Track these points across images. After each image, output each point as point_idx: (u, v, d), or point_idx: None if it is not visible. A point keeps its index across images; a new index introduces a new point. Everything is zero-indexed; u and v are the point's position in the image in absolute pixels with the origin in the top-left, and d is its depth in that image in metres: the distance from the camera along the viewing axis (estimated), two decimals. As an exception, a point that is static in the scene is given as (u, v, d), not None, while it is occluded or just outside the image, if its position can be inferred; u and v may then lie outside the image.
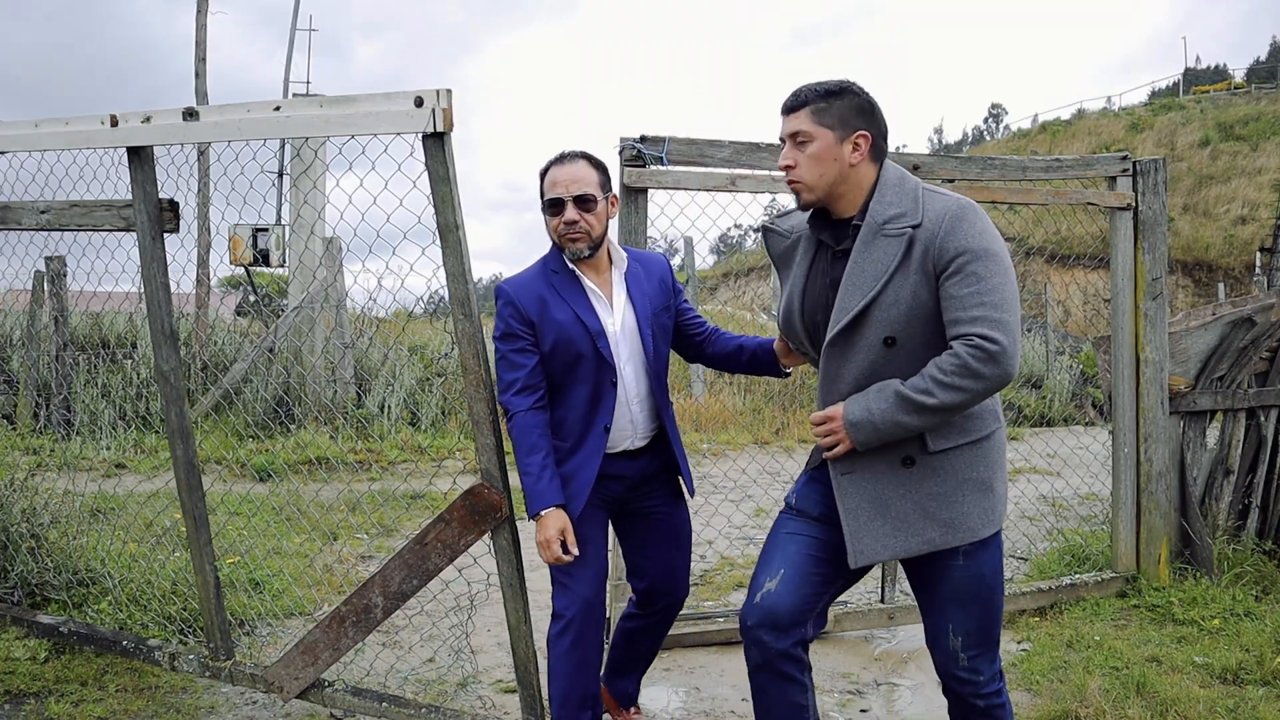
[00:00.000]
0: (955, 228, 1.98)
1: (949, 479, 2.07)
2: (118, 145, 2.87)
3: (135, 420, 8.50)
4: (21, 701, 3.13)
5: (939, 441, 2.06)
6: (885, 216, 2.05)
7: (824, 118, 2.08)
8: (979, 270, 1.94)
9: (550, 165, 2.55)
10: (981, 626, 2.15)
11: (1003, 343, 1.90)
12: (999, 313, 1.92)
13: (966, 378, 1.91)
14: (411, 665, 3.54)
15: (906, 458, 2.07)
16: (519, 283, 2.57)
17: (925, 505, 2.07)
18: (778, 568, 2.18)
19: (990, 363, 1.90)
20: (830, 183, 2.09)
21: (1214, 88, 43.80)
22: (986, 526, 2.09)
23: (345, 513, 5.86)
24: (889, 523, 2.09)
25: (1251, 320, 4.23)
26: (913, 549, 2.08)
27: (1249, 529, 4.27)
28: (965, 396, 1.93)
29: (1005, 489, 2.17)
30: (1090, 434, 7.94)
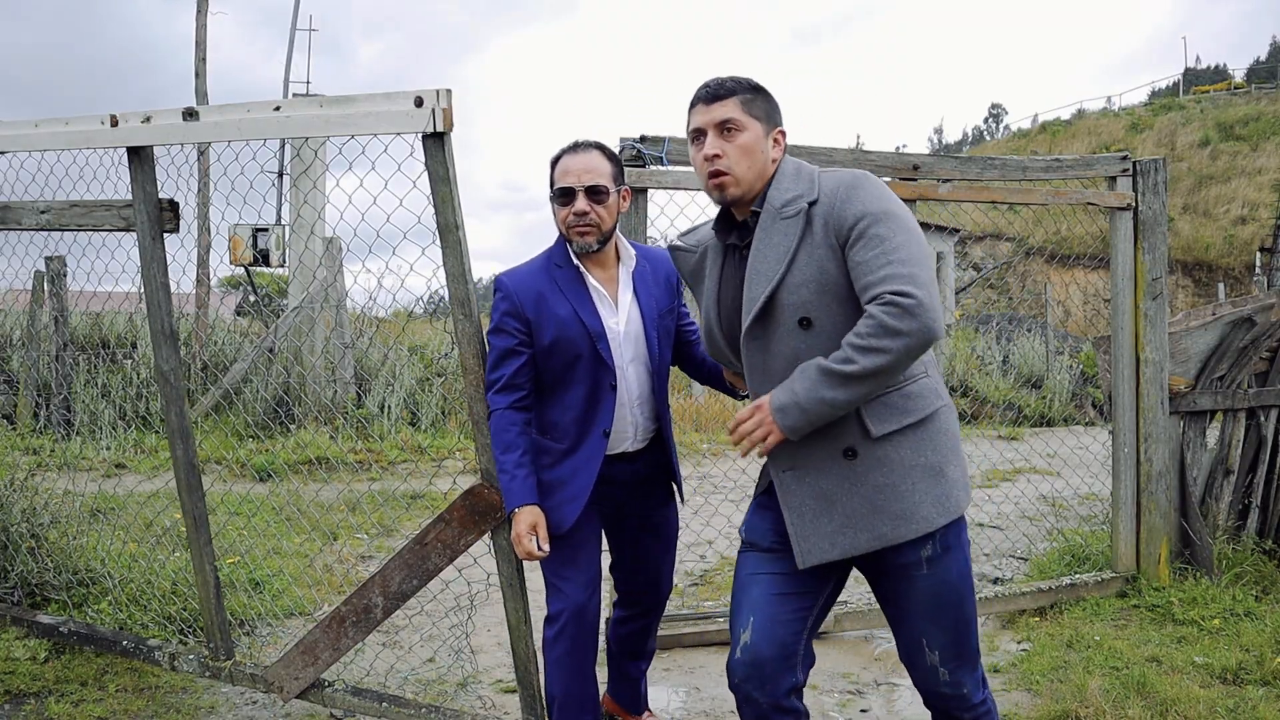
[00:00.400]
0: (851, 195, 1.93)
1: (896, 468, 1.95)
2: (118, 145, 2.87)
3: (135, 420, 8.49)
4: (21, 701, 3.13)
5: (880, 425, 1.95)
6: (782, 201, 1.99)
7: (753, 109, 2.03)
8: (880, 231, 1.87)
9: (563, 153, 2.48)
10: (957, 636, 2.03)
11: (917, 295, 1.79)
12: (908, 268, 1.82)
13: (885, 337, 1.79)
14: (411, 665, 3.54)
15: (848, 449, 1.96)
16: (518, 276, 2.50)
17: (873, 498, 1.96)
18: (747, 616, 2.07)
19: (907, 317, 1.78)
20: (755, 176, 2.03)
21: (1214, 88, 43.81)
22: (941, 515, 1.96)
23: (345, 513, 5.86)
24: (836, 519, 1.98)
25: (1251, 320, 4.23)
26: (862, 545, 1.97)
27: (1249, 529, 4.27)
28: (888, 358, 1.79)
29: (962, 474, 2.03)
30: (1090, 434, 7.94)
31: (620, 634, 2.83)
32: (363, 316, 10.18)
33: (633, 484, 2.62)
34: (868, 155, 3.79)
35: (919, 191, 3.78)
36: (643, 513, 2.66)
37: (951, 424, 2.03)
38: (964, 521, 2.04)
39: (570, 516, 2.47)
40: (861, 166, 3.75)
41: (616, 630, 2.84)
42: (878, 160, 3.78)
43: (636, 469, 2.60)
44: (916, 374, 1.99)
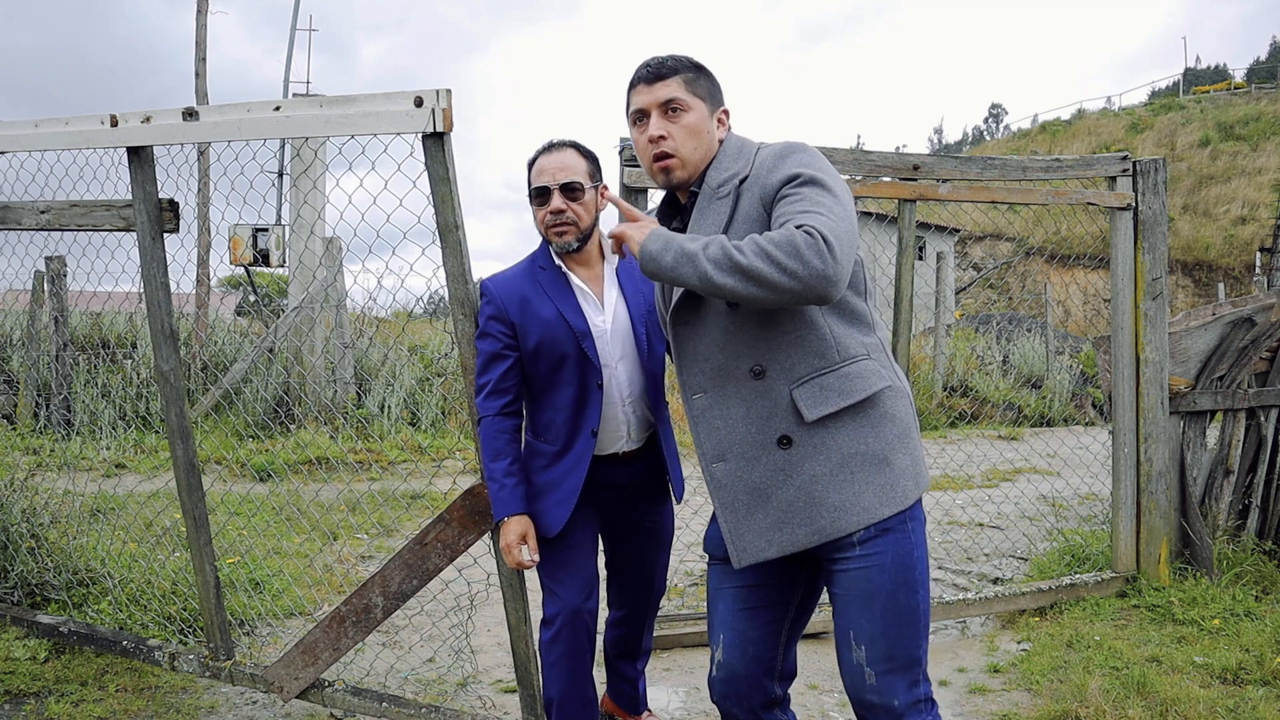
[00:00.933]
0: (780, 162, 1.81)
1: (833, 455, 1.81)
2: (118, 145, 2.87)
3: (135, 420, 8.49)
4: (21, 701, 3.13)
5: (814, 408, 1.80)
6: (719, 180, 1.90)
7: (695, 88, 1.93)
8: (805, 192, 1.73)
9: (538, 154, 2.47)
10: (889, 634, 1.82)
11: (834, 246, 1.63)
12: (827, 219, 1.66)
13: (790, 256, 1.61)
14: (411, 665, 3.54)
15: (783, 437, 1.82)
16: (502, 280, 2.50)
17: (810, 490, 1.81)
18: (719, 633, 1.99)
19: (818, 256, 1.61)
20: (701, 158, 1.93)
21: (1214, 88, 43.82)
22: (886, 505, 1.80)
23: (345, 513, 5.86)
24: (771, 514, 1.84)
25: (1251, 320, 4.23)
26: (800, 541, 1.82)
27: (1249, 529, 4.27)
28: (774, 275, 1.61)
29: (912, 462, 1.86)
30: (1090, 434, 7.95)
31: (614, 635, 2.83)
32: (363, 316, 10.19)
33: (628, 489, 2.59)
34: (868, 155, 3.79)
35: (919, 191, 3.78)
36: (637, 516, 2.65)
37: (899, 408, 1.88)
38: (914, 512, 1.86)
39: (560, 519, 2.45)
40: (861, 166, 3.75)
41: (611, 632, 2.83)
42: (878, 160, 3.78)
43: (632, 473, 2.58)
44: (855, 354, 1.85)
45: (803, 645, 3.56)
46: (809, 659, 3.57)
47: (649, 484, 2.63)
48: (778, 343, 1.84)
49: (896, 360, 3.80)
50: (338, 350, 9.39)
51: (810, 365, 1.83)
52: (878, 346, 1.90)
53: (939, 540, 5.56)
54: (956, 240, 28.13)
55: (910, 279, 3.80)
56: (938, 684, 3.37)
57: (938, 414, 11.24)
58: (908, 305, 3.80)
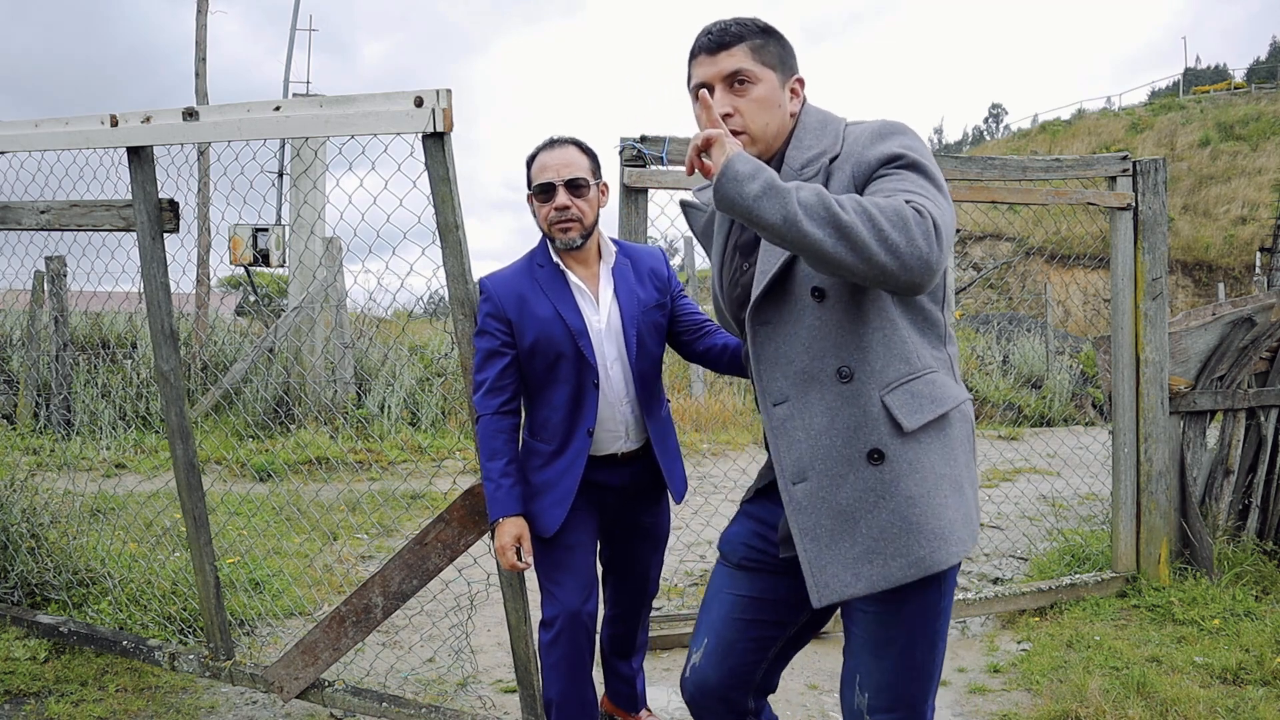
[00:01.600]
0: (879, 140, 1.63)
1: (927, 476, 1.61)
2: (118, 145, 2.87)
3: (135, 420, 8.50)
4: (21, 701, 3.13)
5: (911, 416, 1.61)
6: (802, 161, 1.70)
7: (765, 56, 1.72)
8: (912, 177, 1.55)
9: (539, 151, 2.45)
10: (896, 686, 1.68)
11: (943, 234, 1.47)
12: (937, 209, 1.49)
13: (893, 225, 1.43)
14: (411, 665, 3.54)
15: (874, 451, 1.61)
16: (500, 278, 2.49)
17: (906, 514, 1.59)
18: (703, 636, 1.87)
19: (924, 237, 1.44)
20: (774, 134, 1.74)
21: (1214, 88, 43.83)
22: (969, 540, 1.63)
23: (345, 513, 5.86)
24: (860, 543, 1.61)
25: (1251, 320, 4.23)
26: (895, 576, 1.58)
27: (1249, 529, 4.27)
28: (872, 242, 1.42)
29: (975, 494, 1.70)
30: (1090, 434, 7.95)
31: (609, 634, 2.82)
32: (363, 316, 10.19)
33: (627, 490, 2.58)
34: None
35: (919, 191, 3.78)
36: (635, 517, 2.64)
37: (967, 434, 1.72)
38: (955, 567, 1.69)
39: (557, 519, 2.44)
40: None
41: (606, 630, 2.83)
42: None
43: (631, 474, 2.56)
44: (932, 366, 1.69)
45: (803, 645, 3.56)
46: (809, 659, 3.57)
47: (648, 485, 2.62)
48: (866, 341, 1.64)
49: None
50: (338, 350, 9.39)
51: (899, 370, 1.64)
52: (948, 362, 1.73)
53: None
54: (956, 240, 28.11)
55: (910, 279, 3.79)
56: (938, 684, 3.38)
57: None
58: (908, 305, 3.79)
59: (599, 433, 2.48)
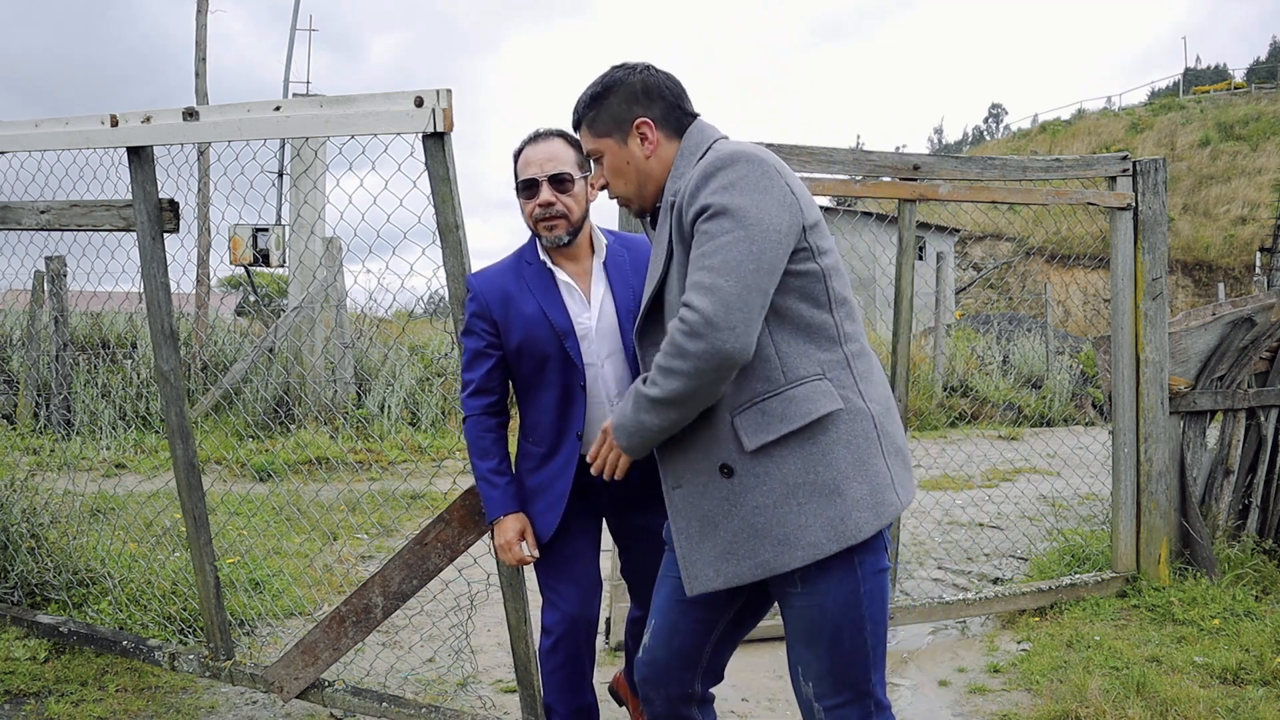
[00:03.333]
0: (700, 186, 1.71)
1: (777, 486, 1.71)
2: (118, 145, 2.87)
3: (135, 420, 8.50)
4: (21, 701, 3.13)
5: (753, 436, 1.72)
6: (672, 190, 1.82)
7: (598, 127, 1.89)
8: (710, 229, 1.65)
9: (524, 145, 2.36)
10: (835, 671, 1.77)
11: (703, 310, 1.59)
12: (711, 276, 1.61)
13: (676, 358, 1.63)
14: (411, 665, 3.54)
15: (724, 466, 1.75)
16: (486, 276, 2.42)
17: (753, 522, 1.72)
18: (653, 618, 1.99)
19: (692, 337, 1.60)
20: (639, 186, 1.89)
21: (1214, 88, 43.83)
22: (834, 540, 1.69)
23: (345, 513, 5.86)
24: (719, 545, 1.77)
25: (1251, 320, 4.23)
26: (745, 574, 1.74)
27: (1249, 529, 4.27)
28: (682, 384, 1.63)
29: (869, 492, 1.73)
30: (1090, 434, 7.94)
31: (632, 632, 2.75)
32: (363, 316, 10.19)
33: (628, 492, 2.47)
34: (868, 155, 3.79)
35: (919, 191, 3.78)
36: (643, 521, 2.53)
37: (856, 432, 1.74)
38: (873, 544, 1.77)
39: (550, 524, 2.39)
40: (861, 166, 3.75)
41: (631, 627, 2.76)
42: (878, 160, 3.78)
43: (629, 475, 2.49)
44: (805, 375, 1.73)
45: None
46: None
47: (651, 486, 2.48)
48: None
49: (896, 361, 3.80)
50: (338, 350, 9.39)
51: (753, 390, 1.74)
52: (839, 363, 1.77)
53: (939, 540, 5.56)
54: (956, 240, 28.13)
55: (910, 279, 3.79)
56: (937, 684, 3.38)
57: (938, 414, 11.24)
58: (908, 305, 3.79)
59: (590, 434, 2.41)
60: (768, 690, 3.34)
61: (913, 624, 3.89)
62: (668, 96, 1.88)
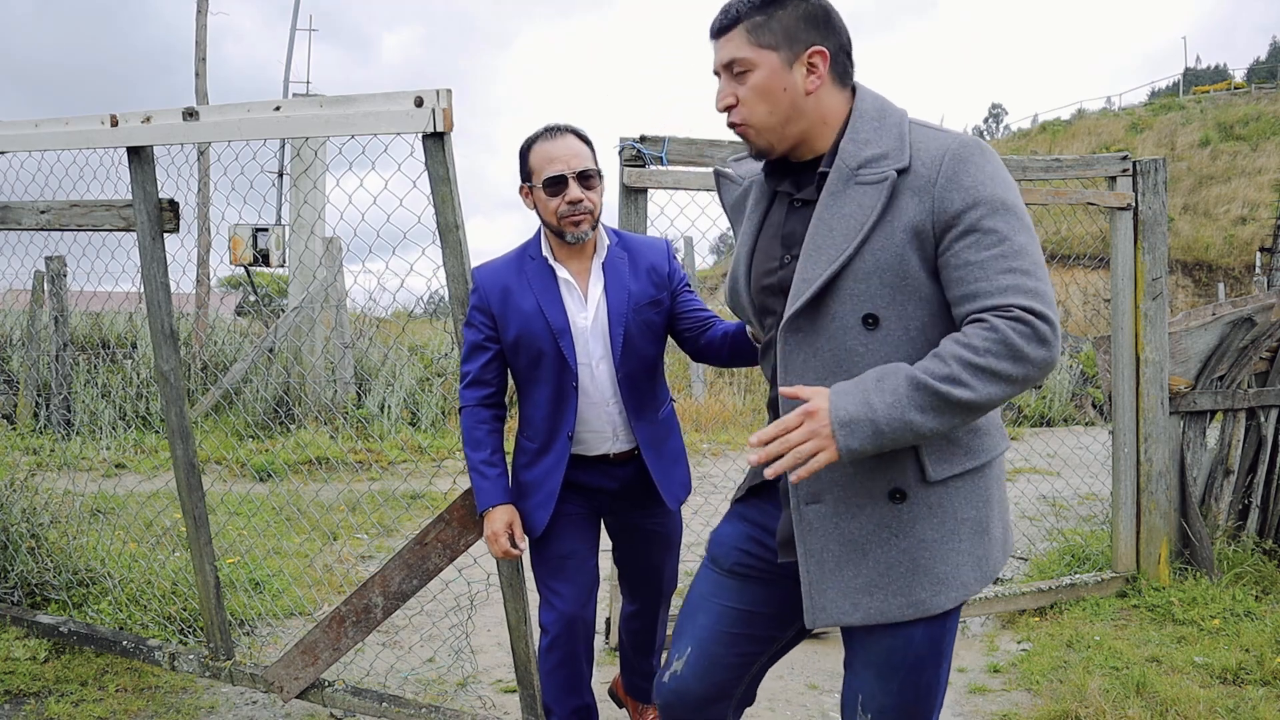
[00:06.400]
0: (959, 172, 1.50)
1: (946, 520, 1.57)
2: (118, 145, 2.87)
3: (135, 420, 8.49)
4: (21, 701, 3.13)
5: (942, 467, 1.56)
6: (861, 159, 1.56)
7: (763, 36, 1.57)
8: (998, 226, 1.46)
9: (539, 140, 2.34)
10: (902, 708, 1.65)
11: (1051, 319, 1.43)
12: (1034, 281, 1.44)
13: (1007, 360, 1.40)
14: (411, 665, 3.54)
15: (896, 490, 1.56)
16: (489, 269, 2.43)
17: (916, 554, 1.56)
18: (686, 644, 1.78)
19: (1038, 343, 1.41)
20: (784, 120, 1.60)
21: (1214, 88, 43.83)
22: (979, 580, 1.60)
23: (345, 513, 5.86)
24: (864, 575, 1.58)
25: (1251, 320, 4.23)
26: (892, 613, 1.57)
27: (1249, 529, 4.27)
28: (1005, 389, 1.41)
29: (1004, 529, 1.67)
30: (1090, 434, 7.94)
31: (629, 628, 2.78)
32: (363, 316, 10.19)
33: (625, 492, 2.48)
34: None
35: (919, 191, 3.78)
36: (639, 520, 2.56)
37: (1001, 470, 1.67)
38: None
39: (541, 521, 2.39)
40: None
41: (625, 625, 2.78)
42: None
43: (624, 476, 2.46)
44: None
45: (803, 645, 3.56)
46: (809, 659, 3.57)
47: (646, 487, 2.50)
48: None
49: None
50: (338, 350, 9.39)
51: None
52: None
53: (939, 540, 5.55)
54: (956, 240, 28.07)
55: (910, 279, 3.79)
56: (938, 684, 3.37)
57: (938, 414, 11.22)
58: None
59: (585, 433, 2.41)
60: (768, 690, 3.34)
61: (913, 624, 3.88)
62: (844, 37, 1.62)
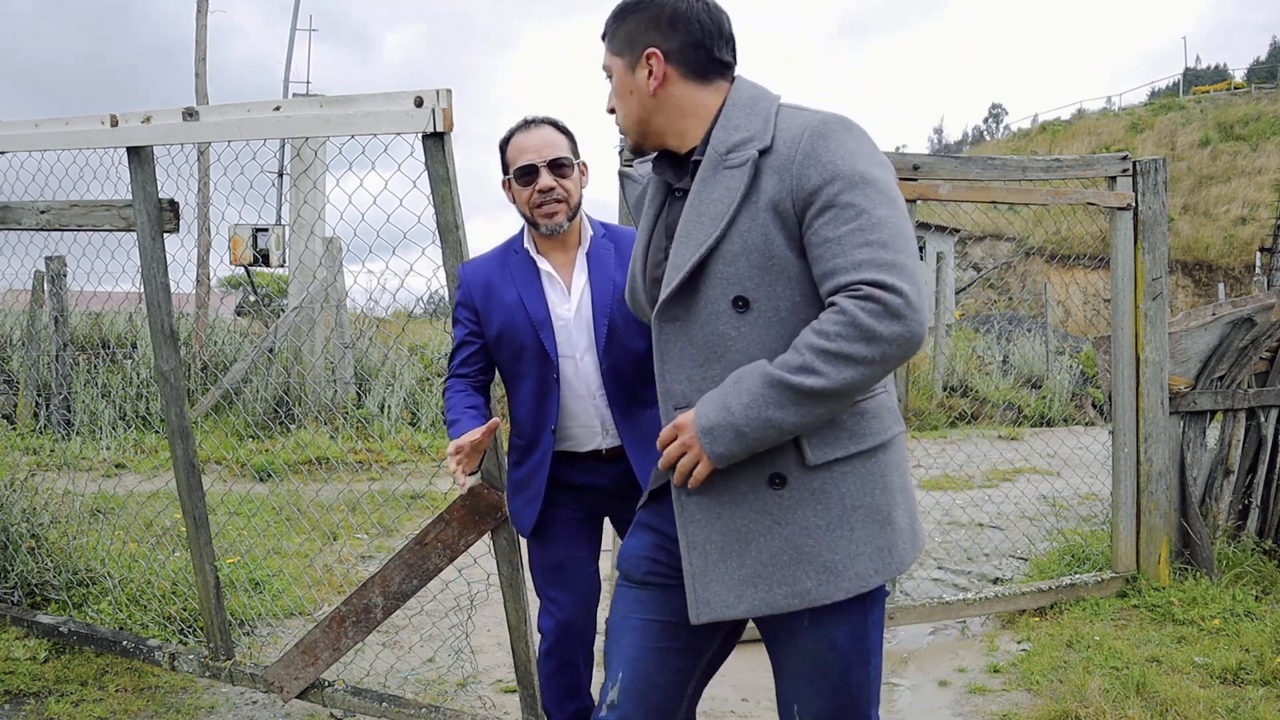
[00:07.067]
0: (817, 148, 1.48)
1: (834, 506, 1.51)
2: (118, 145, 2.87)
3: (135, 420, 8.49)
4: (21, 701, 3.13)
5: (821, 451, 1.51)
6: (729, 144, 1.56)
7: (615, 44, 1.66)
8: (855, 200, 1.44)
9: (514, 133, 2.33)
10: (840, 708, 1.60)
11: (904, 290, 1.38)
12: (891, 253, 1.40)
13: (859, 341, 1.37)
14: (411, 665, 3.54)
15: (776, 475, 1.52)
16: (473, 265, 2.41)
17: (799, 542, 1.50)
18: (617, 670, 1.68)
19: (890, 318, 1.37)
20: (638, 119, 1.65)
21: (1214, 88, 43.84)
22: (880, 571, 1.52)
23: (345, 513, 5.86)
24: (748, 566, 1.53)
25: (1251, 320, 4.23)
26: (778, 603, 1.51)
27: (1249, 529, 4.27)
28: (862, 372, 1.38)
29: (911, 520, 1.60)
30: (1090, 434, 7.94)
31: None
32: (363, 316, 10.19)
33: (618, 490, 2.39)
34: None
35: (919, 191, 3.78)
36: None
37: (903, 456, 1.62)
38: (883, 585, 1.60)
39: (531, 518, 2.37)
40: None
41: None
42: (878, 160, 3.78)
43: (615, 473, 2.40)
44: (876, 388, 1.57)
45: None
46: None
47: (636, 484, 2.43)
48: None
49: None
50: (338, 350, 9.39)
51: None
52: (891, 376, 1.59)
53: (939, 540, 5.56)
54: (956, 240, 28.13)
55: (910, 279, 3.79)
56: (937, 684, 3.38)
57: (938, 414, 11.24)
58: (908, 305, 3.79)
59: (575, 428, 2.35)
60: (768, 690, 3.34)
61: (913, 624, 3.89)
62: (694, 32, 1.62)
